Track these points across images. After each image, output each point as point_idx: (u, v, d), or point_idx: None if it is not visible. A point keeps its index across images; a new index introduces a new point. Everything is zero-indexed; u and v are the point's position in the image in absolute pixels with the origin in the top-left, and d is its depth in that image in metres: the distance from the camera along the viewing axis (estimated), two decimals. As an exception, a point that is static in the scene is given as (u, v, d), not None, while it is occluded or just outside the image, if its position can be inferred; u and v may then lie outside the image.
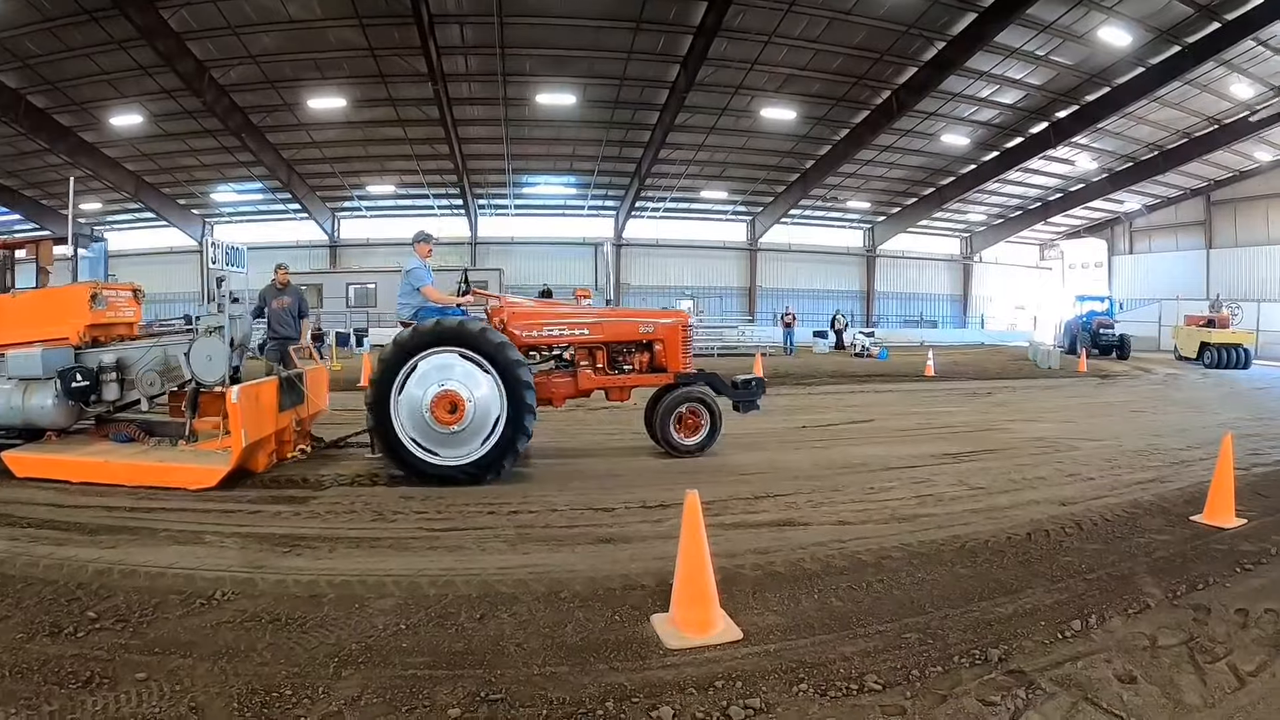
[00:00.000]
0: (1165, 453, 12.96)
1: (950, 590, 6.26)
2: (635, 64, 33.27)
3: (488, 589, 6.05)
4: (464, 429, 9.95)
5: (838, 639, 5.29)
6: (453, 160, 42.26)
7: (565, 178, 48.14)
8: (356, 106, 36.03)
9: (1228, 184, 51.14)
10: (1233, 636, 5.46)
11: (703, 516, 5.42)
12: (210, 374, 10.18)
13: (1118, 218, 59.24)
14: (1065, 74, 35.40)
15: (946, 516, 8.57)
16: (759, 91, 36.10)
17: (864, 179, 48.80)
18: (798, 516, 8.47)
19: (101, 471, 9.65)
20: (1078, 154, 45.44)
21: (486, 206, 51.36)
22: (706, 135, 40.74)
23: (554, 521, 8.19)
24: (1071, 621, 5.60)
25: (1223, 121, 41.52)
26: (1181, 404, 21.37)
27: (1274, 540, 7.82)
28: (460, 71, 33.62)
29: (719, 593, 5.60)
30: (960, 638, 5.33)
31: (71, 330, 10.69)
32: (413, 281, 10.87)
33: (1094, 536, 7.88)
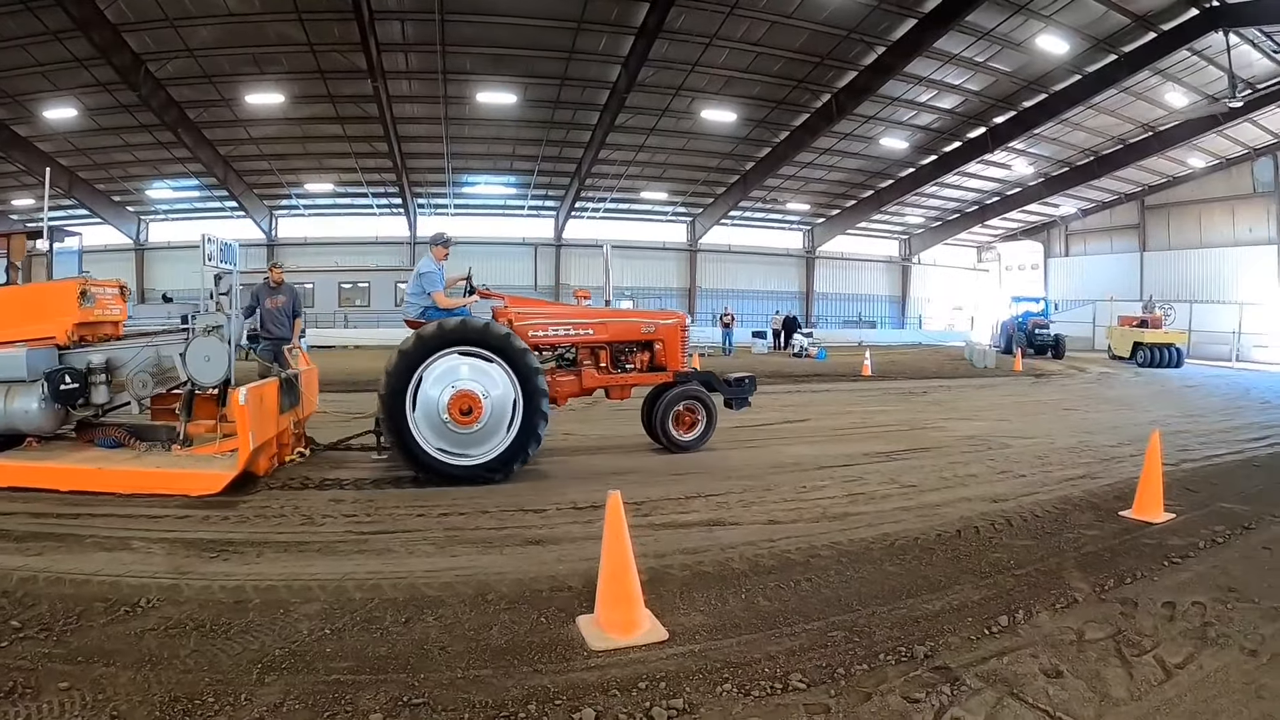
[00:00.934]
0: (1096, 449, 13.13)
1: (878, 588, 6.27)
2: (576, 64, 33.18)
3: (414, 592, 6.00)
4: (480, 429, 9.98)
5: (763, 638, 5.28)
6: (392, 159, 41.84)
7: (505, 177, 47.92)
8: (295, 103, 35.51)
9: (1161, 189, 52.33)
10: (1160, 630, 5.52)
11: (627, 517, 5.42)
12: (208, 375, 9.88)
13: (1054, 221, 60.25)
14: (1003, 80, 35.91)
15: (877, 515, 8.59)
16: (700, 93, 36.20)
17: (804, 181, 49.15)
18: (728, 516, 8.46)
19: (95, 479, 9.11)
20: (1015, 159, 46.16)
21: (426, 206, 50.95)
22: (647, 136, 40.78)
23: (484, 524, 8.09)
24: (999, 617, 5.63)
25: (1157, 128, 42.47)
26: (1113, 402, 21.70)
27: (1202, 534, 7.94)
28: (400, 69, 33.33)
29: (646, 593, 5.62)
30: (887, 635, 5.33)
31: (58, 329, 10.20)
32: (425, 285, 10.74)
33: (1024, 532, 7.94)
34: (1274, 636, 5.46)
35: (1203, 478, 11.05)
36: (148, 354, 10.33)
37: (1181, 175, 50.24)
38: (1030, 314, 43.35)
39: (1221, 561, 7.13)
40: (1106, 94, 36.49)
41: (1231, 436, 15.41)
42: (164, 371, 10.35)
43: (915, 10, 29.58)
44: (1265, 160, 46.10)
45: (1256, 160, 46.48)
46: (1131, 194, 53.81)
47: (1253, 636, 5.44)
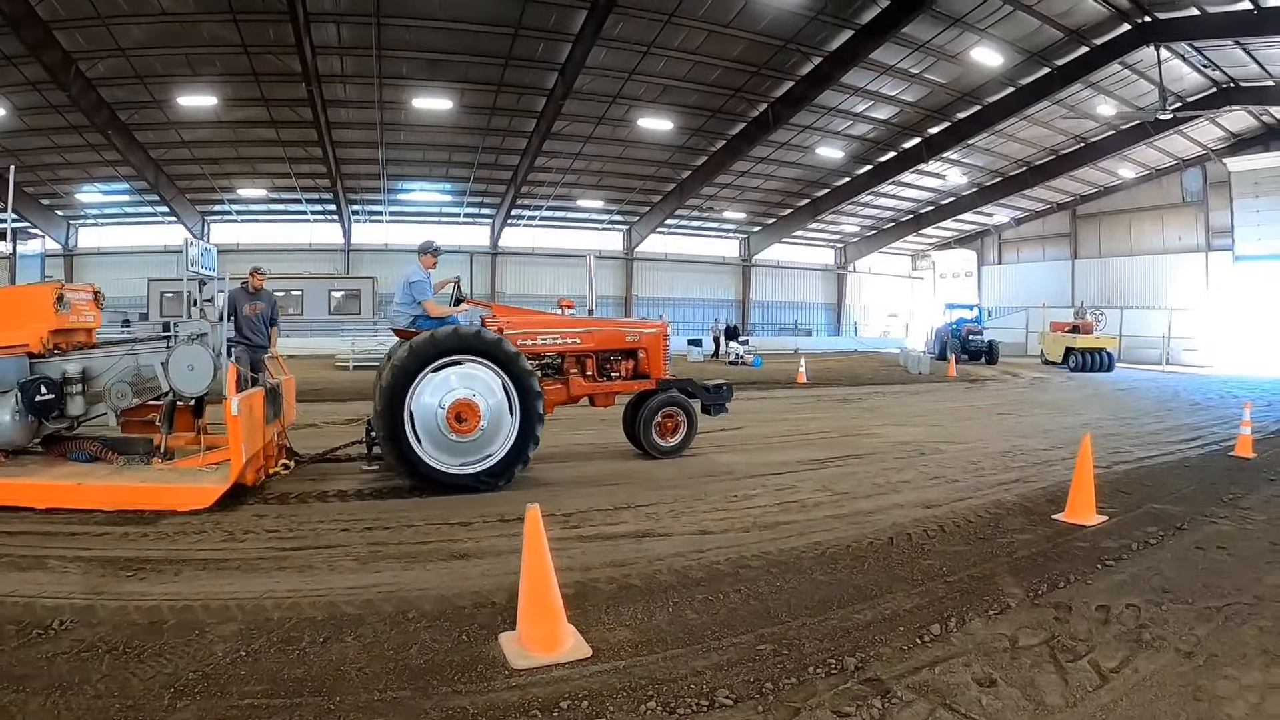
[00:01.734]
0: (1028, 453, 13.24)
1: (809, 598, 6.17)
2: (513, 70, 32.72)
3: (334, 611, 5.80)
4: (478, 437, 9.98)
5: (690, 653, 5.16)
6: (326, 164, 40.91)
7: (441, 184, 47.23)
8: (228, 105, 34.54)
9: (1092, 199, 53.16)
10: (1094, 634, 5.47)
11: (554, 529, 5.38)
12: (192, 385, 9.49)
13: (987, 230, 60.90)
14: (938, 91, 36.10)
15: (808, 523, 8.49)
16: (637, 101, 35.94)
17: (740, 190, 49.06)
18: (658, 527, 8.33)
19: (75, 496, 8.67)
20: (949, 169, 46.48)
21: (361, 213, 49.97)
22: (583, 144, 40.42)
23: (409, 538, 7.89)
24: (931, 626, 5.55)
25: (1089, 139, 43.15)
26: (1046, 406, 21.93)
27: (1135, 536, 7.96)
28: (336, 72, 32.52)
29: (572, 608, 5.52)
30: (816, 647, 5.24)
31: (32, 336, 9.56)
32: (415, 293, 10.79)
33: (956, 538, 7.90)
34: (1209, 638, 5.45)
35: (1135, 479, 11.17)
36: (127, 363, 9.79)
37: (1112, 185, 51.17)
38: (964, 321, 43.84)
39: (1155, 563, 7.14)
40: (1040, 106, 36.90)
41: (1163, 438, 15.67)
42: (144, 381, 9.79)
43: (853, 22, 29.53)
44: (1194, 171, 47.02)
45: (1185, 171, 47.41)
46: (1063, 203, 54.55)
47: (1188, 638, 5.42)
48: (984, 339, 42.07)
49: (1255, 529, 8.50)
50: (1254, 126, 42.23)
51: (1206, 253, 47.10)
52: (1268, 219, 42.56)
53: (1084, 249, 54.91)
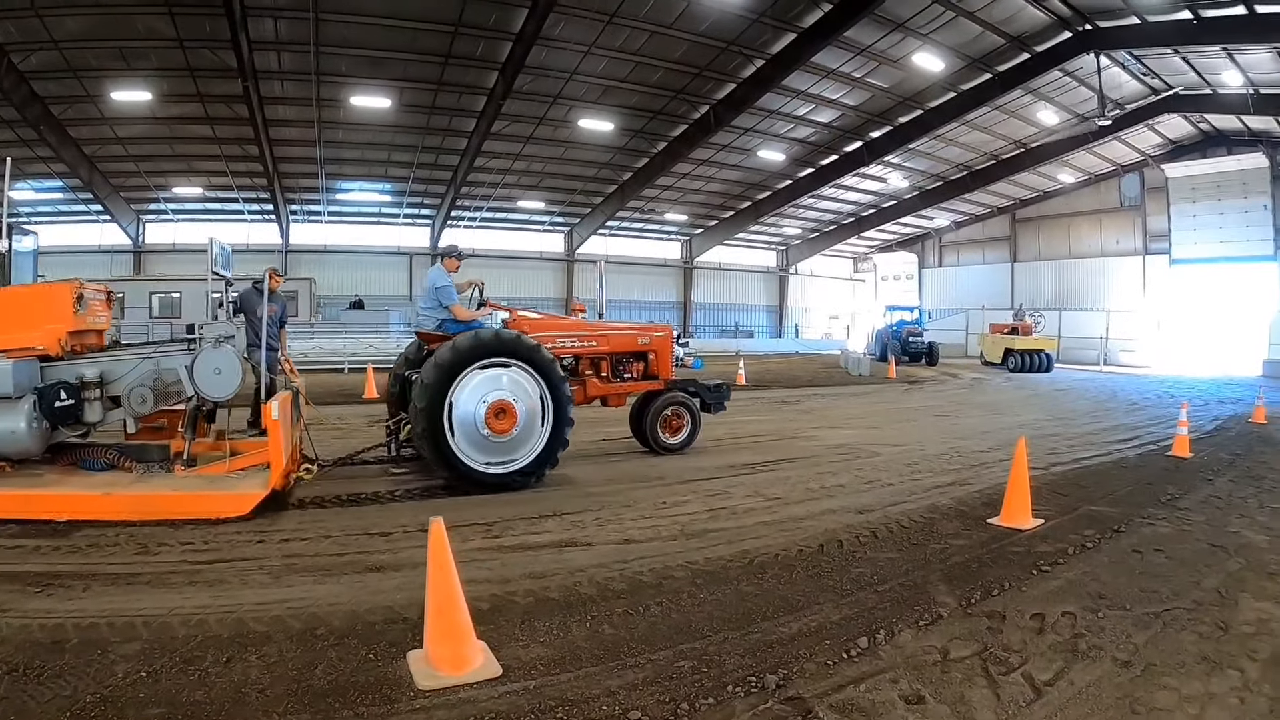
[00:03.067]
0: (966, 455, 13.17)
1: (733, 611, 5.93)
2: (453, 69, 32.33)
3: (241, 628, 5.51)
4: (513, 438, 10.18)
5: (604, 671, 4.93)
6: (263, 163, 40.18)
7: (380, 184, 46.63)
8: (163, 101, 33.66)
9: (1032, 203, 54.16)
10: (1029, 644, 5.30)
11: (476, 539, 5.27)
12: (219, 390, 9.12)
13: (928, 233, 61.64)
14: (880, 96, 36.31)
15: (738, 530, 8.27)
16: (578, 102, 35.70)
17: (682, 192, 49.10)
18: (582, 536, 8.06)
19: (102, 506, 8.24)
20: (890, 172, 46.92)
21: (299, 213, 49.16)
22: (524, 144, 40.12)
23: (325, 549, 7.49)
24: (858, 639, 5.35)
25: (1029, 145, 43.78)
26: (984, 407, 22.05)
27: (1071, 540, 7.84)
28: (273, 69, 31.87)
29: (487, 623, 5.42)
30: (737, 663, 5.01)
31: (49, 338, 8.96)
32: (442, 298, 10.92)
33: (889, 545, 7.71)
34: (1147, 645, 5.32)
35: (1072, 480, 11.15)
36: (147, 367, 9.26)
37: (1052, 190, 52.19)
38: (905, 323, 44.09)
39: (1091, 567, 7.02)
40: (980, 111, 37.39)
41: (1100, 438, 15.75)
42: (166, 386, 9.35)
43: (795, 25, 29.56)
44: (1132, 176, 48.16)
45: (1124, 176, 48.49)
46: (1003, 207, 55.46)
47: (1125, 646, 5.28)
48: (924, 340, 42.35)
49: (1193, 530, 8.45)
50: (1192, 134, 43.22)
51: (1144, 256, 48.25)
52: (1203, 224, 43.93)
53: (1024, 252, 55.87)
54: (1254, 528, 8.60)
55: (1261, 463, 13.13)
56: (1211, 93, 35.44)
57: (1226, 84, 33.60)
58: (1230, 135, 42.04)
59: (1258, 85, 32.98)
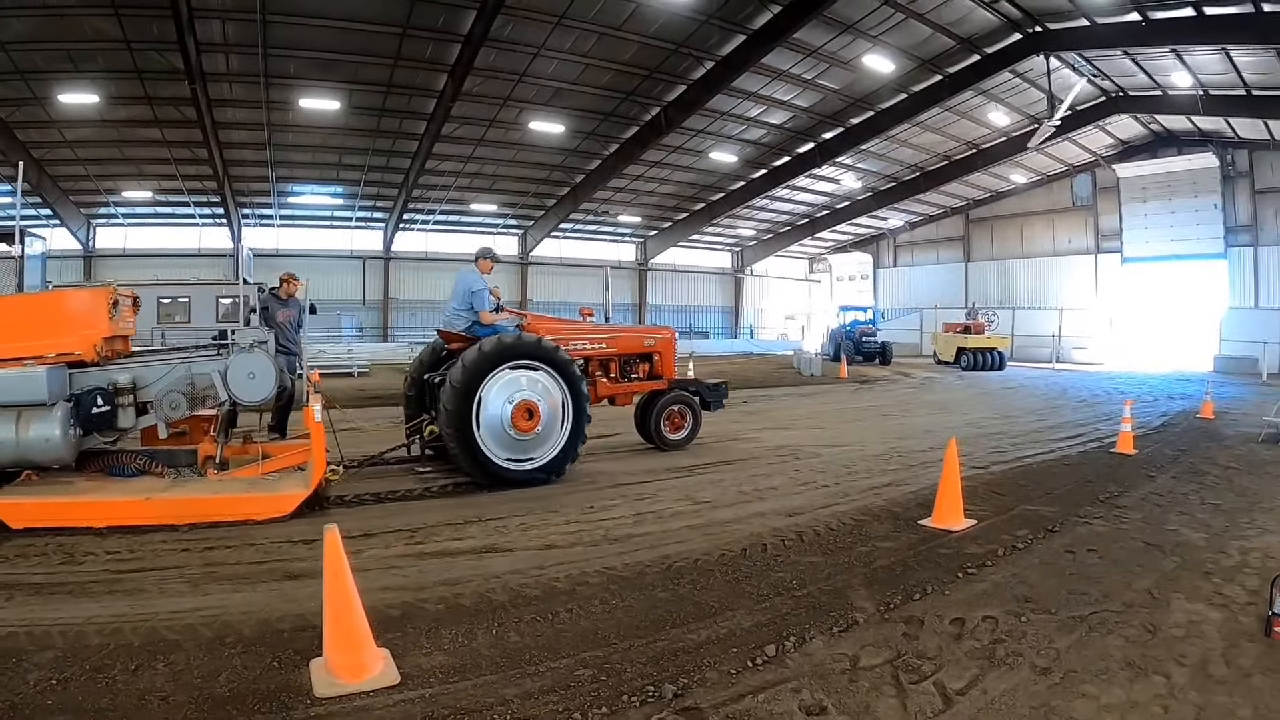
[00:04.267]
0: (906, 455, 13.08)
1: (643, 618, 5.83)
2: (402, 71, 31.92)
3: (154, 636, 5.41)
4: (537, 436, 10.68)
5: (503, 680, 4.83)
6: (212, 166, 39.48)
7: (332, 187, 46.03)
8: (111, 104, 32.91)
9: (985, 203, 54.43)
10: (945, 650, 5.16)
11: (398, 545, 5.37)
12: (254, 394, 9.28)
13: (883, 233, 61.90)
14: (831, 97, 36.22)
15: (662, 535, 8.14)
16: (528, 104, 35.33)
17: (635, 194, 48.90)
18: (503, 541, 7.92)
19: (144, 512, 8.25)
20: (843, 174, 47.00)
21: (251, 216, 48.22)
22: (475, 147, 39.71)
23: (247, 557, 7.36)
24: (766, 647, 5.21)
25: (981, 146, 43.94)
26: (933, 406, 22.06)
27: (1003, 540, 7.73)
28: (221, 71, 31.20)
29: (394, 630, 5.42)
30: (638, 672, 4.90)
31: (85, 344, 8.92)
32: (476, 303, 11.35)
33: (814, 548, 7.57)
34: (1070, 650, 5.19)
35: (1012, 480, 11.10)
36: (178, 372, 9.30)
37: (1005, 190, 52.49)
38: (858, 323, 44.15)
39: (1020, 569, 6.90)
40: (932, 112, 37.50)
41: (1045, 436, 15.77)
42: (199, 391, 9.32)
43: (745, 26, 29.39)
44: (1084, 176, 48.53)
45: (1076, 176, 48.85)
46: (957, 208, 55.72)
47: (1046, 652, 5.15)
48: (878, 340, 42.38)
49: (1130, 528, 8.37)
50: (1142, 134, 43.59)
51: (1096, 255, 48.65)
52: (1154, 223, 44.57)
53: (977, 252, 56.17)
54: (1193, 525, 8.55)
55: (1206, 459, 13.16)
56: (1161, 94, 35.65)
57: (1176, 85, 33.77)
58: (1181, 135, 42.40)
59: (1207, 86, 33.20)
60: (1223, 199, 41.79)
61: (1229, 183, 41.64)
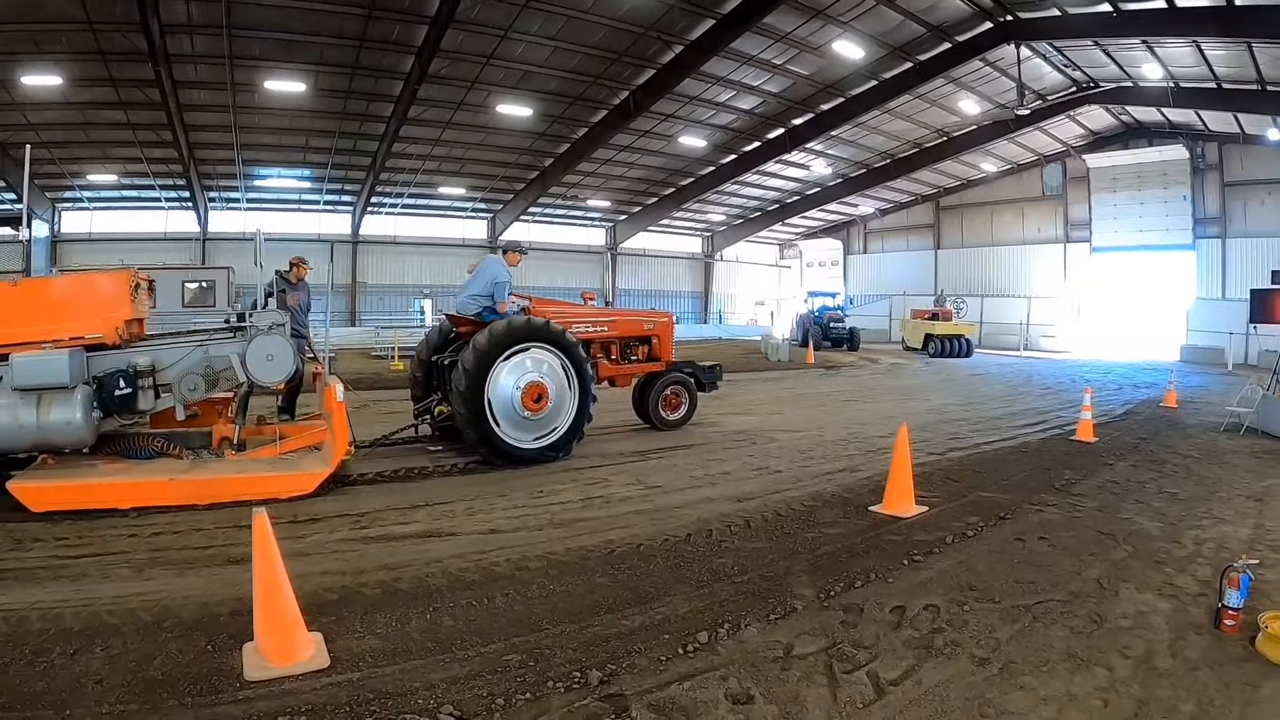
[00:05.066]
0: (864, 441, 13.03)
1: (579, 603, 5.78)
2: (368, 52, 31.51)
3: (94, 620, 5.38)
4: (545, 415, 11.07)
5: (431, 664, 4.78)
6: (178, 149, 38.99)
7: (299, 170, 45.48)
8: (75, 86, 32.25)
9: (956, 191, 54.49)
10: (882, 640, 5.06)
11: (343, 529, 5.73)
12: (272, 375, 9.34)
13: (853, 220, 61.88)
14: (801, 83, 36.02)
15: (608, 519, 8.06)
16: (495, 87, 34.99)
17: (604, 178, 48.70)
18: (448, 526, 7.82)
19: (169, 492, 8.33)
20: (813, 160, 46.89)
21: (218, 200, 47.73)
22: (443, 130, 39.34)
23: (194, 542, 7.23)
24: (699, 634, 5.13)
25: (951, 134, 43.95)
26: (897, 392, 22.03)
27: (953, 527, 7.66)
28: (186, 52, 30.69)
29: (330, 614, 5.42)
30: (567, 658, 4.83)
31: (107, 326, 8.89)
32: (497, 294, 11.59)
33: (760, 534, 7.46)
34: (1011, 641, 5.10)
35: (968, 466, 11.06)
36: (196, 355, 9.34)
37: (975, 178, 52.58)
38: (827, 308, 44.14)
39: (968, 557, 6.82)
40: (902, 99, 37.33)
41: (1006, 423, 15.76)
42: (217, 373, 9.38)
43: (714, 10, 29.17)
44: (1054, 166, 48.50)
45: (1046, 166, 48.84)
46: (927, 195, 55.81)
47: (986, 642, 5.06)
48: (846, 326, 42.35)
49: (1084, 516, 8.33)
50: (1113, 125, 43.69)
51: (1065, 244, 48.77)
52: (1123, 213, 44.72)
53: (947, 239, 56.28)
54: (1147, 514, 8.51)
55: (1166, 447, 13.19)
56: (1132, 85, 35.68)
57: (1147, 77, 33.76)
58: (1151, 127, 42.52)
59: (1178, 79, 33.21)
60: (1192, 191, 41.96)
61: (1198, 175, 41.81)
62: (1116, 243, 45.32)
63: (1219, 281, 41.37)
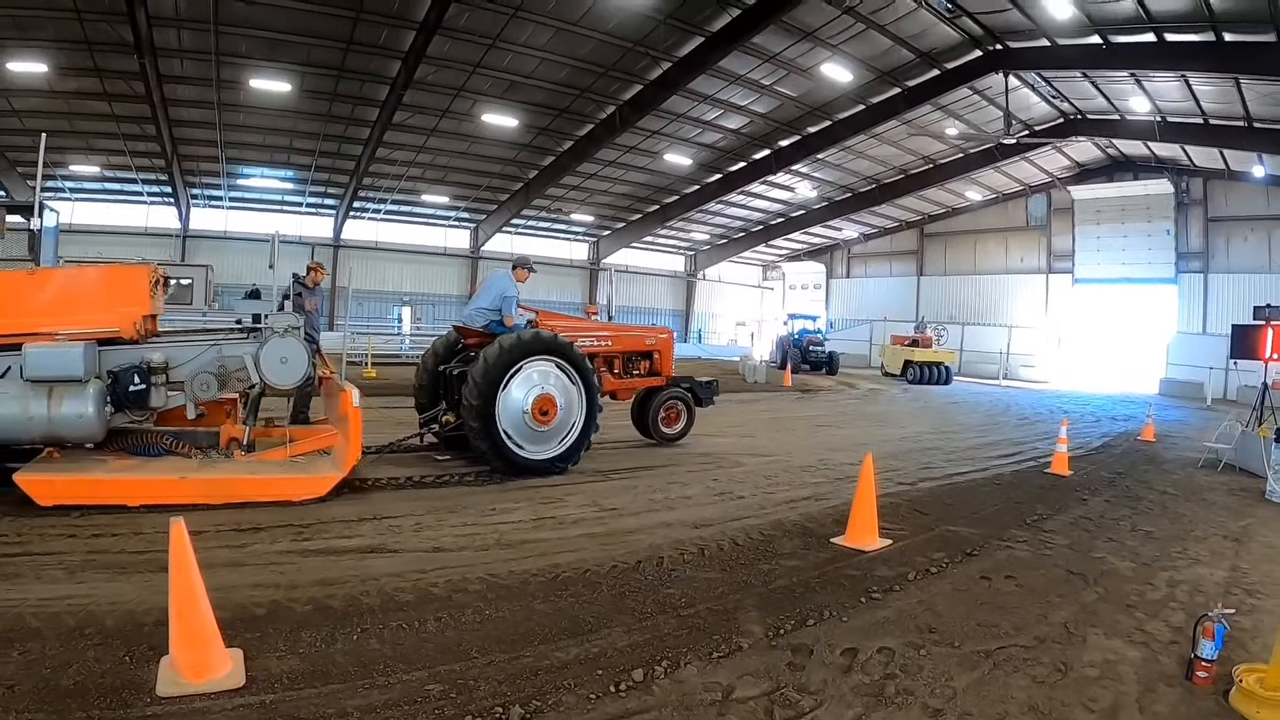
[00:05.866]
0: (833, 467, 12.77)
1: (514, 631, 5.50)
2: (355, 55, 31.29)
3: (18, 623, 5.21)
4: (554, 426, 11.28)
5: (350, 689, 4.53)
6: (161, 143, 38.59)
7: (282, 171, 45.00)
8: (60, 75, 31.95)
9: (940, 219, 54.57)
10: (830, 685, 4.75)
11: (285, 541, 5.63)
12: (286, 378, 9.40)
13: (837, 244, 61.87)
14: (789, 104, 35.95)
15: (558, 541, 7.75)
16: (482, 96, 34.73)
17: (588, 192, 48.52)
18: (392, 542, 7.53)
19: (178, 491, 8.33)
20: (799, 182, 46.88)
21: (200, 197, 47.48)
22: (427, 137, 39.10)
23: (132, 546, 6.97)
24: (635, 671, 4.81)
25: (937, 161, 43.95)
26: (871, 418, 21.75)
27: (917, 563, 7.38)
28: (173, 46, 30.35)
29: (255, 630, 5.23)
30: (491, 690, 4.56)
31: (124, 320, 8.95)
32: (506, 308, 11.83)
33: (714, 563, 7.17)
34: (968, 690, 4.78)
35: (938, 497, 10.81)
36: (209, 354, 9.43)
37: (960, 206, 52.66)
38: (807, 331, 44.06)
39: (929, 596, 6.51)
40: (889, 125, 37.33)
41: (981, 453, 15.52)
42: (229, 373, 9.48)
43: (703, 29, 29.06)
44: (1039, 197, 48.69)
45: (1031, 196, 49.02)
46: (912, 221, 55.81)
47: (941, 691, 4.74)
48: (825, 350, 42.26)
49: (1054, 554, 8.07)
50: (1099, 158, 43.72)
51: (1047, 274, 48.84)
52: (1107, 245, 44.91)
53: (930, 266, 56.30)
54: (1121, 553, 8.26)
55: (1142, 482, 12.99)
56: (1119, 118, 35.69)
57: (1134, 110, 33.74)
58: (1137, 161, 42.59)
59: (1165, 113, 33.23)
60: (1175, 225, 42.09)
61: (1182, 210, 41.94)
62: (1099, 275, 45.43)
63: (1200, 316, 41.43)
